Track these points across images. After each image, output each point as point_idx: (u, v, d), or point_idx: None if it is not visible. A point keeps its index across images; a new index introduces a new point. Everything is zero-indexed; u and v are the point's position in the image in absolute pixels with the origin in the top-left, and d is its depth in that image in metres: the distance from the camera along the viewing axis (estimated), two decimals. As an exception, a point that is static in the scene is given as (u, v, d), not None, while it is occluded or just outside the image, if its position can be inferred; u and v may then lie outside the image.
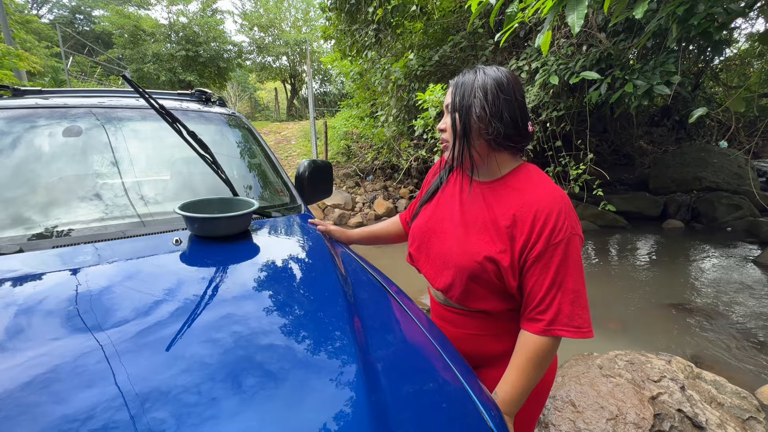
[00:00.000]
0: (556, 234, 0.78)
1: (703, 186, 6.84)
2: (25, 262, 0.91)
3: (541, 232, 0.78)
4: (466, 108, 0.81)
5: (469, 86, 0.81)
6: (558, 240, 0.78)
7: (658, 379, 1.84)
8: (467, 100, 0.81)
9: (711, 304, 3.60)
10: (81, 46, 16.72)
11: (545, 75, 3.77)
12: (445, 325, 0.98)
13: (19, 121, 1.29)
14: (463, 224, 0.88)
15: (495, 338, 0.92)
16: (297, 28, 20.07)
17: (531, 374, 0.81)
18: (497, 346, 0.92)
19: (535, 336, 0.81)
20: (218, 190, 1.29)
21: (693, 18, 2.44)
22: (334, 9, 6.84)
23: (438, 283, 0.92)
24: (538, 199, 0.80)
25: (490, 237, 0.83)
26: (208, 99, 1.86)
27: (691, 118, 2.33)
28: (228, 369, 0.61)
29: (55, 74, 12.05)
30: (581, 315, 0.79)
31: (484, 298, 0.87)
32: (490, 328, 0.92)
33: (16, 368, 0.59)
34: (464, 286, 0.86)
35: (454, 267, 0.87)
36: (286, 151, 10.50)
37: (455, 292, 0.89)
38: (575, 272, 0.79)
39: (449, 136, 0.86)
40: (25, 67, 5.28)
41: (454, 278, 0.87)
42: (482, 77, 0.81)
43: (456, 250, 0.87)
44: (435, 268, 0.93)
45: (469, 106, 0.81)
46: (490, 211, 0.85)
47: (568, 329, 0.78)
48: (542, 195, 0.81)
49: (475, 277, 0.84)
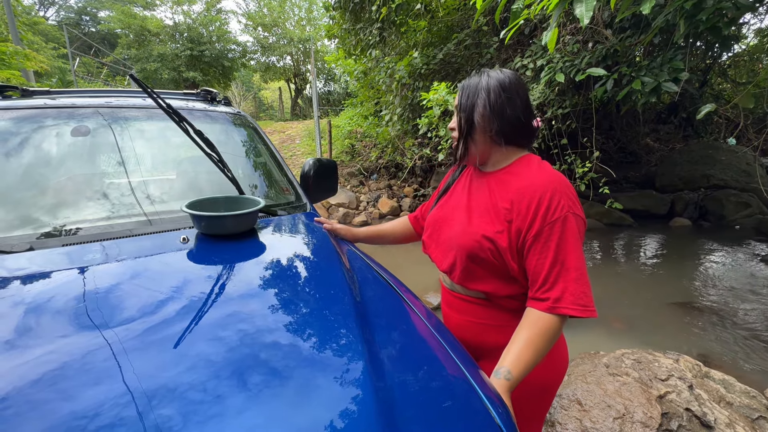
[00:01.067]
0: (552, 213, 0.81)
1: (711, 184, 6.76)
2: (34, 260, 0.92)
3: (537, 212, 0.82)
4: (470, 108, 0.89)
5: (473, 88, 0.89)
6: (554, 218, 0.81)
7: (665, 378, 1.83)
8: (471, 101, 0.89)
9: (719, 302, 3.56)
10: (87, 47, 16.87)
11: (551, 72, 3.74)
12: (451, 312, 1.02)
13: (28, 121, 1.30)
14: (468, 210, 0.94)
15: (497, 329, 0.94)
16: (301, 28, 20.10)
17: (538, 348, 0.79)
18: (499, 338, 0.92)
19: (540, 312, 0.82)
20: (224, 188, 1.29)
21: (701, 13, 2.41)
22: (338, 8, 6.83)
23: (443, 265, 0.97)
24: (533, 183, 0.85)
25: (490, 218, 0.88)
26: (214, 98, 1.86)
27: (699, 115, 2.31)
28: (235, 366, 0.61)
29: (62, 75, 12.17)
30: (586, 293, 0.81)
31: (482, 279, 0.90)
32: (491, 317, 0.94)
33: (26, 365, 0.60)
34: (464, 264, 0.91)
35: (456, 247, 0.92)
36: (291, 150, 10.53)
37: (457, 272, 0.93)
38: (575, 251, 0.81)
39: (458, 133, 0.94)
40: (32, 67, 5.34)
41: (456, 258, 0.92)
42: (486, 79, 0.89)
43: (458, 231, 0.93)
44: (441, 251, 0.98)
45: (473, 105, 0.89)
46: (492, 197, 0.90)
47: (575, 308, 0.79)
48: (538, 178, 0.85)
49: (474, 256, 0.88)
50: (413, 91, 5.93)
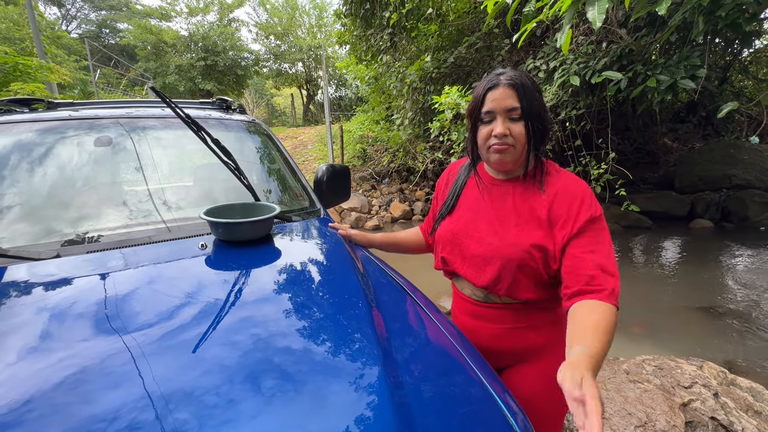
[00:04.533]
0: (592, 209, 0.83)
1: (733, 184, 6.54)
2: (61, 267, 0.95)
3: (579, 209, 0.83)
4: (536, 114, 0.84)
5: (530, 90, 0.84)
6: (597, 215, 0.83)
7: (689, 386, 1.77)
8: (537, 108, 0.84)
9: (744, 307, 3.43)
10: (107, 59, 17.44)
11: (564, 75, 3.70)
12: (481, 323, 0.98)
13: (54, 132, 1.35)
14: (498, 220, 0.91)
15: (535, 330, 0.93)
16: (312, 35, 20.38)
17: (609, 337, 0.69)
18: (537, 338, 0.93)
19: (604, 303, 0.74)
20: (241, 195, 1.32)
21: (720, 9, 2.35)
22: (349, 15, 6.91)
23: (481, 281, 0.92)
24: (567, 186, 0.86)
25: (531, 226, 0.86)
26: (229, 107, 1.90)
27: (720, 113, 2.25)
28: (250, 371, 0.62)
29: (83, 86, 12.61)
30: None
31: (529, 288, 0.89)
32: (531, 319, 0.93)
33: (51, 368, 0.62)
34: (512, 277, 0.87)
35: (501, 260, 0.87)
36: (303, 155, 10.64)
37: (503, 285, 0.89)
38: (610, 249, 0.83)
39: (517, 141, 0.85)
40: (55, 79, 5.54)
41: (500, 271, 0.88)
42: (527, 80, 0.85)
43: (498, 244, 0.88)
44: (474, 267, 0.93)
45: (538, 113, 0.84)
46: (526, 203, 0.88)
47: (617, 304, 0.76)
48: (570, 182, 0.87)
49: (523, 266, 0.86)
50: (424, 95, 5.94)
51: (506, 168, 0.90)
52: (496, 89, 0.84)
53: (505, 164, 0.88)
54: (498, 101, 0.84)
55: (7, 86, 4.65)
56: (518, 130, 0.84)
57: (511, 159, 0.87)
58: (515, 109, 0.83)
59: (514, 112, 0.83)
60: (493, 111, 0.85)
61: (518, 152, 0.86)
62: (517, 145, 0.85)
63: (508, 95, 0.83)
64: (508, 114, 0.84)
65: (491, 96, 0.85)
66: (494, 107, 0.85)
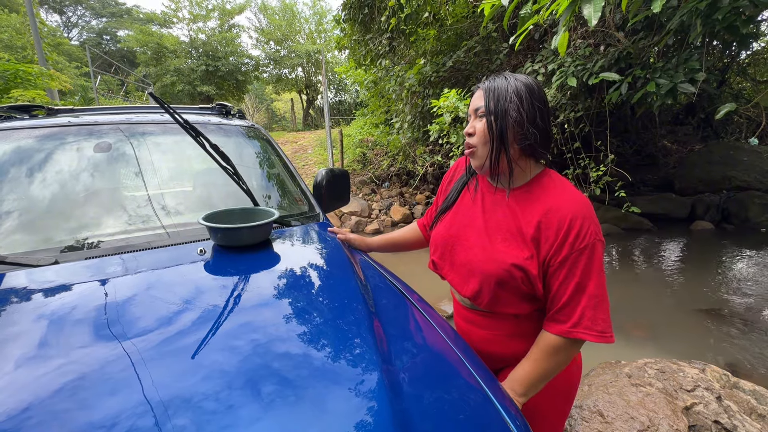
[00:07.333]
0: (581, 240, 0.78)
1: (734, 185, 6.54)
2: (60, 273, 0.95)
3: (566, 238, 0.79)
4: (502, 112, 0.81)
5: (503, 91, 0.82)
6: (583, 246, 0.78)
7: (691, 389, 1.76)
8: (503, 105, 0.81)
9: (746, 309, 3.42)
10: (108, 65, 17.55)
11: (562, 77, 3.71)
12: (472, 327, 0.99)
13: (54, 138, 1.36)
14: (486, 232, 0.89)
15: (522, 338, 0.93)
16: (311, 40, 20.51)
17: (545, 367, 0.83)
18: (525, 346, 0.92)
19: (555, 336, 0.82)
20: (240, 200, 1.32)
21: (717, 12, 2.36)
22: (348, 20, 6.95)
23: (465, 291, 0.92)
24: (561, 205, 0.81)
25: (517, 244, 0.84)
26: (228, 112, 1.91)
27: (718, 114, 2.25)
28: (250, 377, 0.62)
29: (84, 93, 12.67)
30: (604, 320, 0.80)
31: (512, 303, 0.88)
32: (517, 329, 0.93)
33: (49, 375, 0.61)
34: (492, 293, 0.86)
35: (481, 274, 0.87)
36: (303, 159, 10.66)
37: (483, 299, 0.89)
38: (598, 277, 0.80)
39: (479, 140, 0.86)
40: (56, 86, 5.56)
41: (482, 286, 0.87)
42: (514, 82, 0.82)
43: (481, 257, 0.87)
44: (461, 276, 0.93)
45: (506, 110, 0.81)
46: (514, 219, 0.86)
47: (591, 333, 0.79)
48: (566, 201, 0.82)
49: (503, 283, 0.84)
50: (423, 98, 5.96)
51: (482, 172, 0.91)
52: (475, 93, 0.89)
53: (478, 167, 0.90)
54: (471, 104, 0.89)
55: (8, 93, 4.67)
56: (479, 126, 0.85)
57: (477, 159, 0.88)
58: (480, 108, 0.86)
59: (480, 110, 0.86)
60: (469, 114, 0.90)
61: (482, 151, 0.86)
62: (478, 143, 0.86)
63: (478, 96, 0.87)
64: (476, 114, 0.87)
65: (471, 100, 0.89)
66: (469, 110, 0.90)
